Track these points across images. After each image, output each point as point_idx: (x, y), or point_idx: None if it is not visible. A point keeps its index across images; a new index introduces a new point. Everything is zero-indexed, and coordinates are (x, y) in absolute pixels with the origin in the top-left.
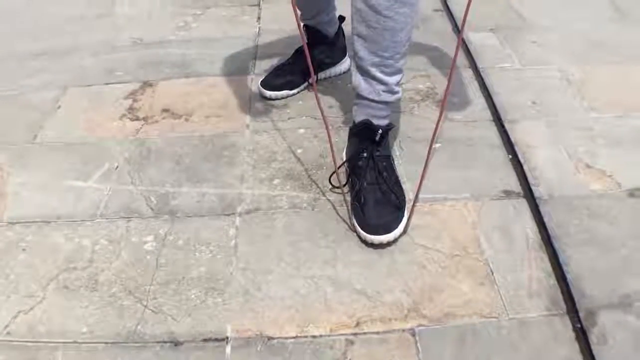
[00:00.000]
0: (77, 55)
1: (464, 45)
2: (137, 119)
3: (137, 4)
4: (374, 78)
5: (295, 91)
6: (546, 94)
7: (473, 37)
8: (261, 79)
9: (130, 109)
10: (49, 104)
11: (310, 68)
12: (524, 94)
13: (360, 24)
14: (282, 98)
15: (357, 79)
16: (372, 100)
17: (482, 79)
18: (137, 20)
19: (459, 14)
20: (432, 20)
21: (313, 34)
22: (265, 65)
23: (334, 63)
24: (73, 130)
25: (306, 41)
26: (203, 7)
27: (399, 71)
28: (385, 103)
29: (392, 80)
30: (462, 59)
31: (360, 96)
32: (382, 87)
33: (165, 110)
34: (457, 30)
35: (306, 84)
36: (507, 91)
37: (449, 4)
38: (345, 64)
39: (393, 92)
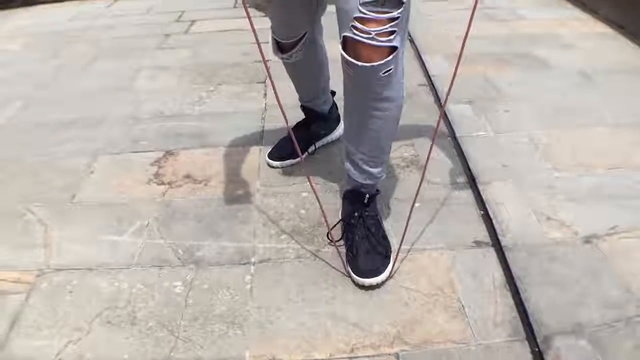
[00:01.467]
0: (105, 125)
1: (444, 116)
2: (163, 183)
3: (155, 80)
4: (361, 168)
5: (297, 159)
6: (515, 158)
7: (453, 108)
8: (268, 151)
9: (156, 174)
10: (82, 168)
11: (298, 151)
12: (495, 158)
13: (352, 126)
14: (287, 166)
15: (347, 164)
16: (359, 181)
17: (459, 146)
18: (157, 94)
19: (441, 87)
20: (417, 94)
21: (309, 111)
22: (271, 137)
23: (329, 133)
24: (106, 192)
25: (302, 121)
26: (215, 83)
27: (382, 164)
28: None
29: (375, 171)
30: (442, 129)
31: (348, 177)
32: (367, 175)
33: (187, 177)
34: (439, 103)
35: (307, 153)
36: (481, 156)
37: (432, 79)
38: (339, 130)
39: (377, 178)
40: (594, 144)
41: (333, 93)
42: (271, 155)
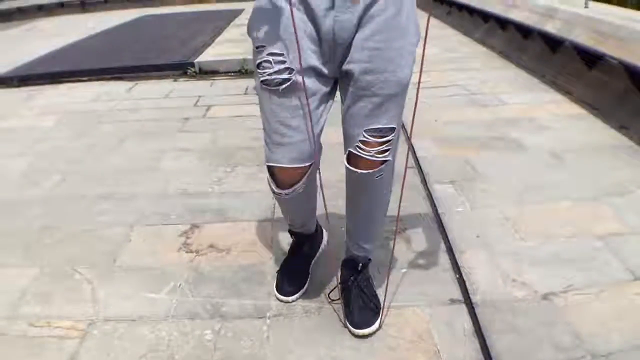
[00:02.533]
0: (137, 200)
1: (428, 194)
2: (191, 251)
3: (179, 161)
4: (357, 244)
5: (304, 288)
6: (488, 230)
7: (437, 187)
8: (275, 283)
9: (185, 244)
10: (120, 237)
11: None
12: (470, 231)
13: (352, 213)
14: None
15: (347, 239)
16: (355, 253)
17: (440, 221)
18: (181, 174)
19: (427, 169)
20: (406, 176)
21: (299, 236)
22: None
23: (317, 250)
24: (143, 257)
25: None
26: (231, 165)
27: (374, 241)
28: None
29: (368, 246)
30: (427, 206)
31: (347, 248)
32: (361, 249)
33: (211, 246)
34: (425, 184)
35: (308, 275)
36: (458, 229)
37: (419, 161)
38: (324, 240)
39: (369, 251)
40: (558, 217)
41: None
42: (281, 291)
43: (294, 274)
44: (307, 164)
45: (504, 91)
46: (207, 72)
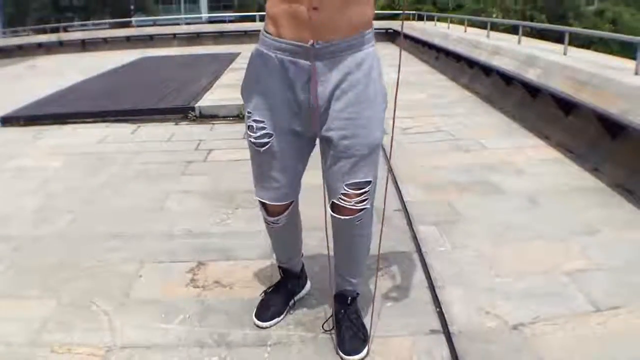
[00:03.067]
0: (146, 239)
1: (413, 235)
2: (197, 287)
3: (183, 203)
4: (344, 278)
5: (280, 318)
6: (466, 267)
7: (421, 229)
8: (256, 308)
9: (192, 280)
10: (132, 273)
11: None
12: (451, 268)
13: (338, 252)
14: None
15: (336, 276)
16: (344, 287)
17: (424, 259)
18: (186, 215)
19: (413, 211)
20: (392, 219)
21: (286, 272)
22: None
23: (301, 290)
24: (154, 292)
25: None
26: (232, 207)
27: (360, 276)
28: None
29: (354, 280)
30: (412, 246)
31: (337, 283)
32: (349, 283)
33: (216, 282)
34: (411, 226)
35: (287, 307)
36: (439, 266)
37: (406, 205)
38: (307, 286)
39: (356, 285)
40: (530, 255)
41: (302, 255)
42: (259, 317)
43: (275, 304)
44: (288, 202)
45: (487, 136)
46: (207, 117)
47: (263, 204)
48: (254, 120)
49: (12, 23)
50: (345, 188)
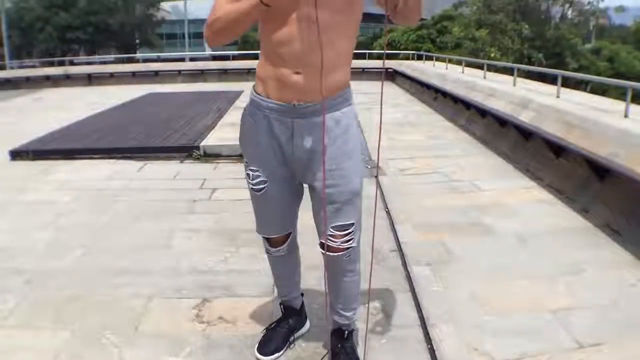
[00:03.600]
0: (153, 275)
1: (407, 275)
2: (202, 322)
3: (189, 240)
4: (339, 313)
5: (281, 353)
6: (457, 306)
7: (415, 269)
8: (258, 343)
9: (197, 315)
10: (140, 308)
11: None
12: (442, 307)
13: (332, 287)
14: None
15: (332, 312)
16: (339, 322)
17: (416, 299)
18: (191, 252)
19: (408, 252)
20: (388, 259)
21: (287, 308)
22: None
23: (300, 328)
24: (162, 326)
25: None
26: (235, 246)
27: (354, 310)
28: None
29: (349, 314)
30: (406, 285)
31: (333, 320)
32: (344, 318)
33: (220, 317)
34: (405, 265)
35: (287, 343)
36: (431, 306)
37: (401, 246)
38: (307, 325)
39: (351, 319)
40: (517, 294)
41: (302, 294)
42: (261, 351)
43: (276, 340)
44: (287, 233)
45: (481, 178)
46: (211, 155)
47: (265, 238)
48: (250, 170)
49: (19, 53)
50: (332, 230)
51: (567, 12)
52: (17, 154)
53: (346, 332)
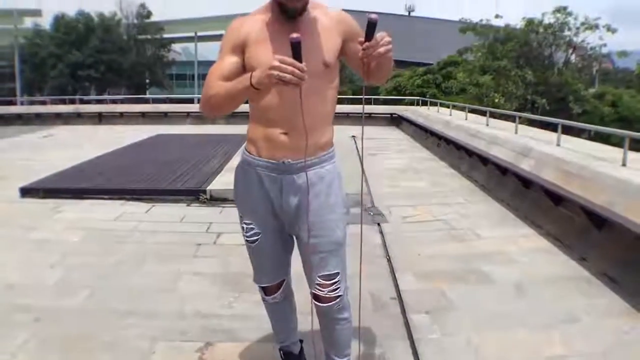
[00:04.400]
0: (158, 317)
1: (406, 322)
2: None
3: (193, 284)
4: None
5: None
6: (454, 353)
7: (414, 317)
8: None
9: (200, 358)
10: (146, 350)
11: None
12: (439, 355)
13: (325, 334)
14: None
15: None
16: None
17: (414, 346)
18: (195, 296)
19: (407, 300)
20: (387, 307)
21: (286, 354)
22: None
23: None
24: None
25: None
26: (239, 290)
27: (347, 356)
28: None
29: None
30: (404, 333)
31: None
32: None
33: None
34: (404, 312)
35: None
36: (430, 352)
37: (401, 294)
38: None
39: None
40: (514, 342)
41: (301, 341)
42: None
43: None
44: (279, 281)
45: (481, 226)
46: (217, 199)
47: (261, 287)
48: (245, 223)
49: (30, 89)
50: (319, 279)
51: (570, 57)
52: (27, 192)
53: None
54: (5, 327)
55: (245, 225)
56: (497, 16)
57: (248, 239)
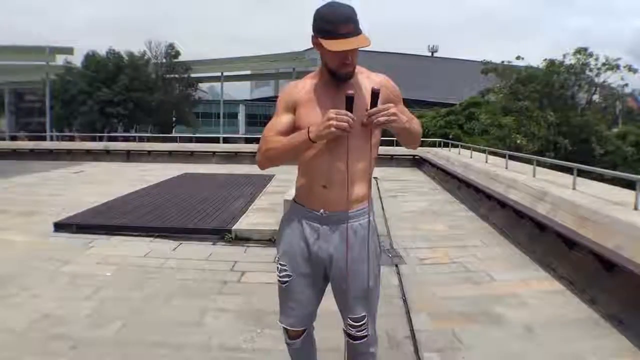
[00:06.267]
0: (186, 349)
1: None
2: None
3: (219, 319)
4: None
5: None
6: None
7: (426, 355)
8: None
9: None
10: None
11: None
12: None
13: None
14: None
15: None
16: None
17: None
18: (221, 331)
19: (420, 339)
20: (402, 345)
21: None
22: None
23: None
24: None
25: None
26: (261, 326)
27: None
28: None
29: None
30: None
31: None
32: None
33: None
34: (417, 351)
35: None
36: None
37: (415, 333)
38: None
39: None
40: None
41: None
42: None
43: None
44: (302, 328)
45: (496, 269)
46: (242, 239)
47: (285, 328)
48: (280, 264)
49: (59, 124)
50: (349, 319)
51: (593, 97)
52: (61, 227)
53: None
54: (43, 355)
55: (279, 266)
56: (518, 57)
57: (280, 278)
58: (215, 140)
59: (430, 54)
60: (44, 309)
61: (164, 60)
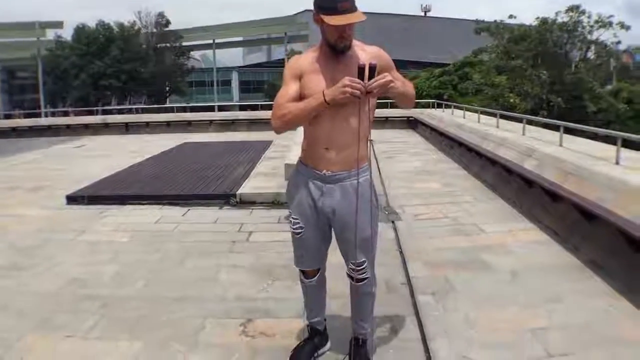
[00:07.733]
0: (206, 302)
1: (413, 302)
2: (248, 336)
3: (231, 274)
4: (358, 324)
5: None
6: (453, 326)
7: (420, 298)
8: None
9: (243, 331)
10: (198, 325)
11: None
12: (440, 327)
13: (353, 303)
14: None
15: (353, 323)
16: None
17: (420, 320)
18: (235, 284)
19: (416, 284)
20: (399, 289)
21: (313, 330)
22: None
23: (322, 346)
24: (216, 339)
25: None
26: (272, 279)
27: (369, 322)
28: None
29: (366, 325)
30: (412, 310)
31: (353, 330)
32: (361, 328)
33: (262, 333)
34: (412, 294)
35: (312, 358)
36: (432, 325)
37: (411, 280)
38: (328, 345)
39: (366, 329)
40: (505, 317)
41: (325, 320)
42: None
43: (303, 356)
44: (317, 267)
45: (486, 222)
46: (247, 202)
47: (301, 270)
48: (293, 217)
49: (53, 99)
50: (351, 264)
51: (586, 55)
52: (72, 199)
53: (361, 339)
54: (76, 313)
55: (292, 220)
56: (510, 16)
57: (294, 230)
58: (211, 109)
59: (423, 14)
60: (70, 274)
61: (155, 30)
